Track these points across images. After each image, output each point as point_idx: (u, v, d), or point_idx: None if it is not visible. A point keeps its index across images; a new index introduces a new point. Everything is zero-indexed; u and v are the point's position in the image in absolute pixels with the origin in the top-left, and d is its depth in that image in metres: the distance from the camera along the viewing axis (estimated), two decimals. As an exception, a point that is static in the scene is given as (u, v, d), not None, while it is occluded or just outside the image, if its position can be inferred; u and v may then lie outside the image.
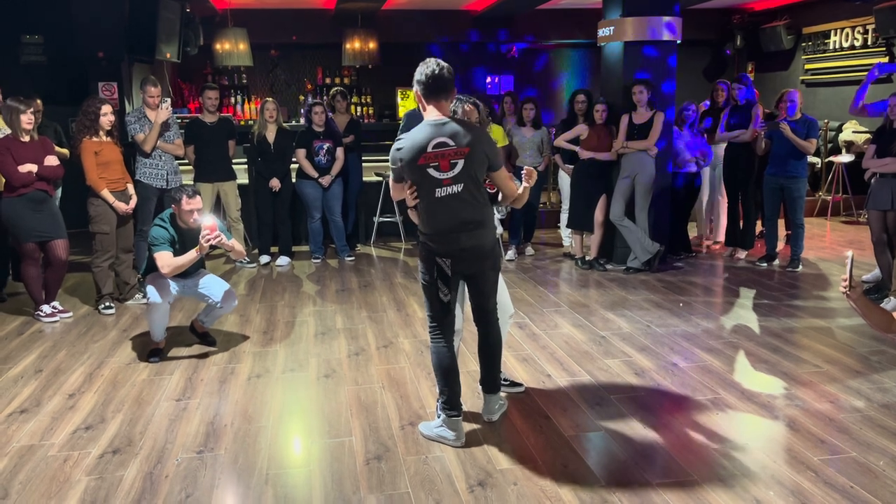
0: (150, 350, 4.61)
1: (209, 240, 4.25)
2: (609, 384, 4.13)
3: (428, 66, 3.27)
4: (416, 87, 3.32)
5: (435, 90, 3.27)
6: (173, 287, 4.53)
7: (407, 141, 3.27)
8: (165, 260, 4.34)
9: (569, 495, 2.98)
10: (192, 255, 4.38)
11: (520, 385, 4.07)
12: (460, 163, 3.24)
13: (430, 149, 3.22)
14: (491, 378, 3.66)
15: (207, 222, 4.27)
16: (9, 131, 5.22)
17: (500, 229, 3.90)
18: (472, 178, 3.29)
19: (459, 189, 3.27)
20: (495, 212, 3.68)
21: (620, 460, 3.26)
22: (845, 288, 2.67)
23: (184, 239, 4.46)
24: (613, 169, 6.66)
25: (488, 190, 3.49)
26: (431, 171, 3.24)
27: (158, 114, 6.05)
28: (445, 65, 3.29)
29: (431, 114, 3.30)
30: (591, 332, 5.05)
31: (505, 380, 3.98)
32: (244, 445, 3.44)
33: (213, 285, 4.66)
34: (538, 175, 7.21)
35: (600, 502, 2.93)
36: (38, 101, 5.73)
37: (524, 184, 3.54)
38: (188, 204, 4.35)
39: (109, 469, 3.23)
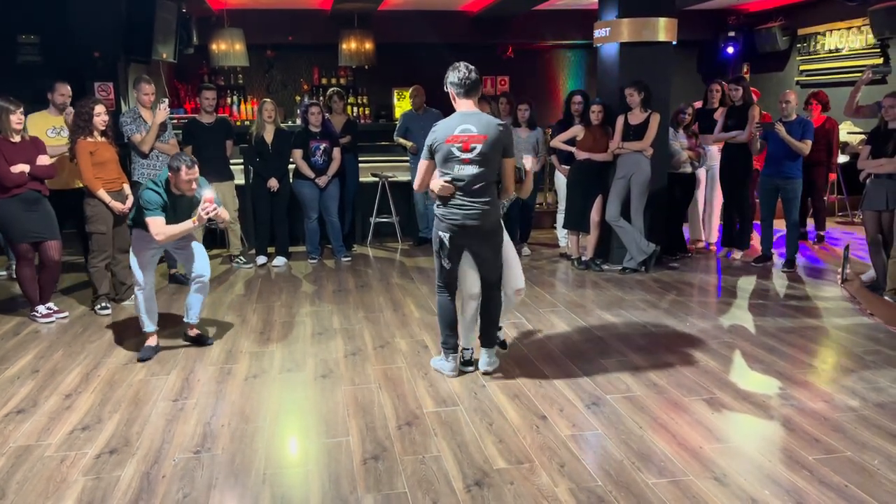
0: (143, 347, 4.59)
1: (209, 212, 4.26)
2: (605, 384, 4.14)
3: (461, 71, 3.92)
4: (450, 88, 3.97)
5: (468, 90, 3.95)
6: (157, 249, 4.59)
7: (441, 124, 3.98)
8: (159, 227, 4.32)
9: (565, 495, 2.99)
10: (187, 226, 4.38)
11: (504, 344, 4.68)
12: (479, 146, 3.88)
13: (456, 132, 3.89)
14: (488, 334, 4.29)
15: (208, 194, 4.30)
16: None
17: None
18: (487, 162, 3.92)
19: (475, 170, 3.91)
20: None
21: (616, 460, 3.27)
22: (841, 280, 2.69)
23: (175, 205, 4.46)
24: (610, 169, 6.67)
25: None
26: (455, 150, 3.90)
27: (157, 114, 6.03)
28: (473, 68, 3.94)
29: (463, 107, 3.97)
30: (587, 332, 5.06)
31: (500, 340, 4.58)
32: (241, 445, 3.44)
33: (197, 258, 4.64)
34: (534, 175, 7.28)
35: (596, 502, 2.94)
36: (67, 87, 5.87)
37: (528, 166, 4.39)
38: (188, 174, 4.35)
39: (106, 469, 3.23)
